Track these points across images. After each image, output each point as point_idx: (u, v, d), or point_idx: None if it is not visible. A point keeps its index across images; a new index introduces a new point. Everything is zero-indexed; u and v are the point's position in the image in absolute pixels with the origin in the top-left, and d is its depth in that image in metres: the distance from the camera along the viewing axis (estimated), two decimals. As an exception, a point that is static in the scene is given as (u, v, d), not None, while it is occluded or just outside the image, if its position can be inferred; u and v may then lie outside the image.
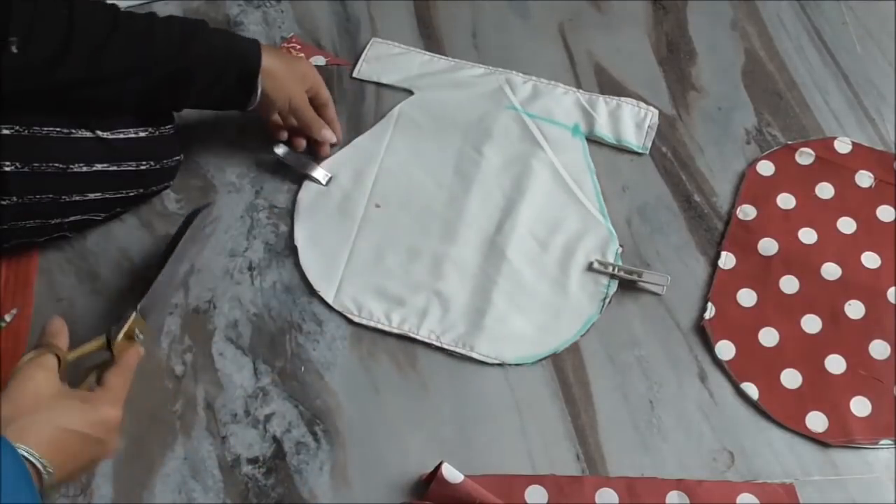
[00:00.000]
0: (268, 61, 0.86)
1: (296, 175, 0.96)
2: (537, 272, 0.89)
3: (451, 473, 0.75)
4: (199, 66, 0.83)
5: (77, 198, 0.85)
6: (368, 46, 1.05)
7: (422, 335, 0.86)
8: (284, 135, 0.96)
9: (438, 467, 0.75)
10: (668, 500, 0.77)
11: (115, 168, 0.86)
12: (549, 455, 0.80)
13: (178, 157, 0.93)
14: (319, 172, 0.95)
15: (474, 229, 0.92)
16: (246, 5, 1.10)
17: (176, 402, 0.83)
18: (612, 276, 0.89)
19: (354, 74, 1.03)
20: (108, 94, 0.83)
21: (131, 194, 0.89)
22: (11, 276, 0.89)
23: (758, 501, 0.77)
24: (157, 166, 0.90)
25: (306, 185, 0.95)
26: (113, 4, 0.83)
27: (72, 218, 0.86)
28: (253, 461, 0.80)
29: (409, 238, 0.91)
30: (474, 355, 0.85)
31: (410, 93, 1.02)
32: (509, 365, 0.84)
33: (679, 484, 0.78)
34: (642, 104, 1.00)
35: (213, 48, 0.84)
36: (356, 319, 0.87)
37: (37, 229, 0.85)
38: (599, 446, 0.81)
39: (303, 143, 0.96)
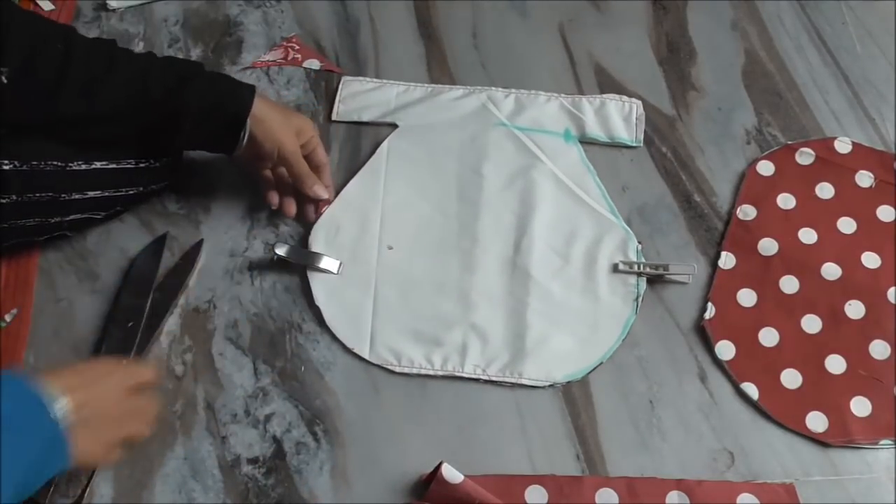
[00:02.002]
0: (259, 107, 0.84)
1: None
2: (565, 285, 0.88)
3: (451, 473, 0.75)
4: (190, 108, 0.82)
5: (76, 196, 0.85)
6: (341, 86, 1.02)
7: (467, 372, 0.84)
8: (275, 198, 0.91)
9: (438, 467, 0.75)
10: (668, 500, 0.77)
11: (114, 165, 0.86)
12: (549, 455, 0.80)
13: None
14: (328, 262, 0.89)
15: (493, 254, 0.90)
16: (246, 5, 1.10)
17: (176, 402, 0.83)
18: (639, 274, 0.88)
19: (333, 117, 0.99)
20: (99, 132, 0.83)
21: (131, 192, 0.89)
22: (11, 276, 0.89)
23: (758, 501, 0.77)
24: (157, 164, 0.89)
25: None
26: (112, 41, 0.83)
27: (71, 216, 0.86)
28: (253, 461, 0.80)
29: (429, 275, 0.89)
30: (524, 381, 0.83)
31: (394, 126, 0.99)
32: (559, 384, 0.84)
33: (679, 484, 0.78)
34: (625, 97, 1.00)
35: (206, 91, 0.83)
36: (398, 370, 0.84)
37: (36, 228, 0.85)
38: (599, 446, 0.81)
39: (293, 208, 0.91)
